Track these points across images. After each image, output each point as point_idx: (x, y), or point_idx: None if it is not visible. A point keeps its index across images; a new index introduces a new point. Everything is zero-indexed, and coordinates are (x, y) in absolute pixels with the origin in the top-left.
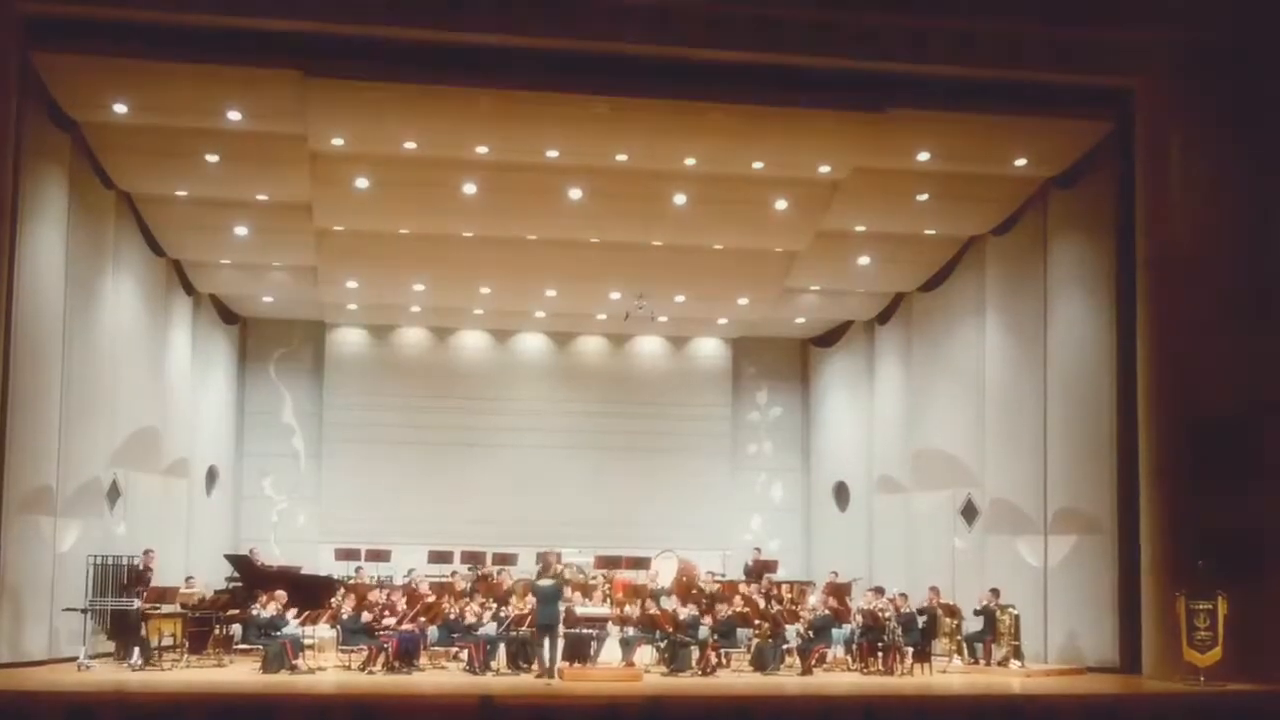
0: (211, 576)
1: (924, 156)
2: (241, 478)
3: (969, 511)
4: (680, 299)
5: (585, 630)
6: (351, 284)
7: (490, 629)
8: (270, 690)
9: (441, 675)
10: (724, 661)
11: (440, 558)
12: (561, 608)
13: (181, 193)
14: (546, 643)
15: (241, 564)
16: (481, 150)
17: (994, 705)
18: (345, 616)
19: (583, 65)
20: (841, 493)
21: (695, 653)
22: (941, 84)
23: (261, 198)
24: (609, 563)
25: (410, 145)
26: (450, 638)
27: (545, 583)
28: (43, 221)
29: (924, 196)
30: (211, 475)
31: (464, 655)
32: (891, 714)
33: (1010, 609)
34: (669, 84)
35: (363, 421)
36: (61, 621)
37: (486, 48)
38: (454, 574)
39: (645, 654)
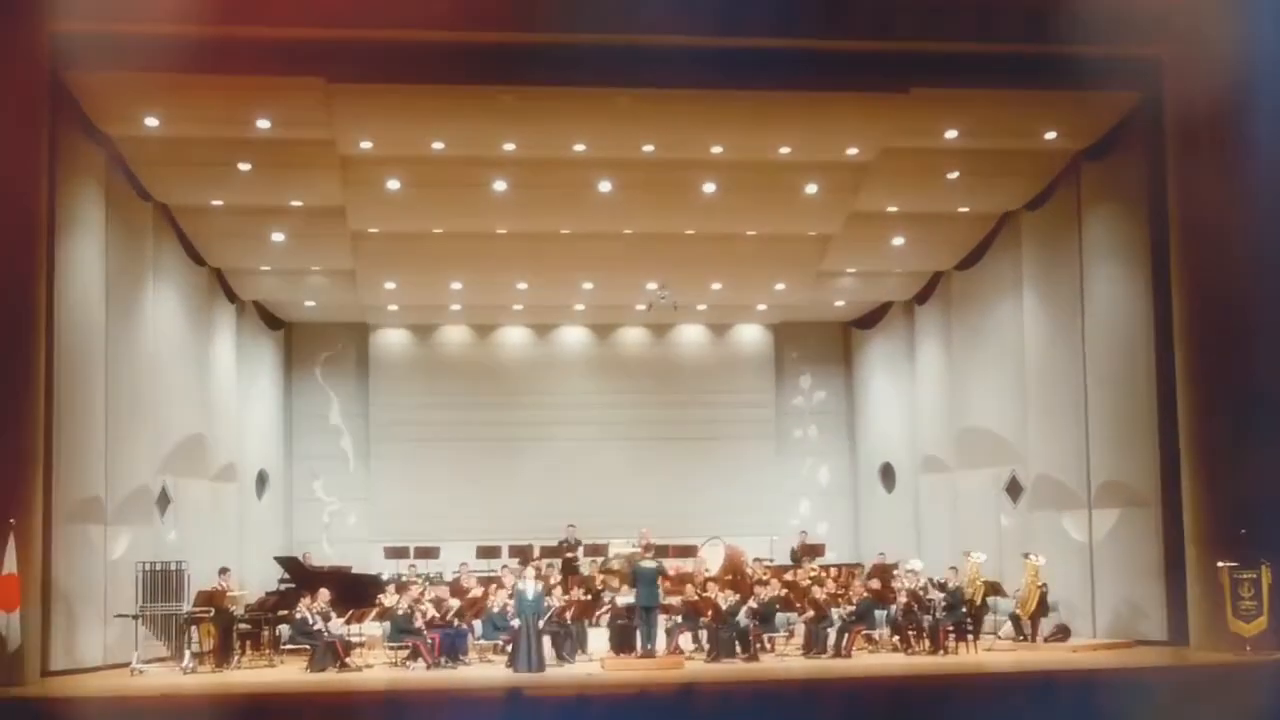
0: (266, 579)
1: (952, 134)
2: (292, 481)
3: (1013, 488)
4: (717, 286)
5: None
6: (390, 285)
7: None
8: (307, 689)
9: (486, 669)
10: (768, 646)
11: (488, 553)
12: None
13: (217, 202)
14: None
15: (291, 565)
16: (509, 147)
17: (1033, 682)
18: (399, 614)
19: (603, 58)
20: (888, 474)
21: (738, 638)
22: (965, 61)
23: (295, 203)
24: (657, 552)
25: (438, 145)
26: (495, 632)
27: (646, 564)
28: (81, 236)
29: (954, 174)
30: (262, 479)
31: (509, 649)
32: (929, 692)
33: (1039, 585)
34: (689, 73)
35: (409, 420)
36: (115, 628)
37: (505, 45)
38: (503, 568)
39: (691, 641)
